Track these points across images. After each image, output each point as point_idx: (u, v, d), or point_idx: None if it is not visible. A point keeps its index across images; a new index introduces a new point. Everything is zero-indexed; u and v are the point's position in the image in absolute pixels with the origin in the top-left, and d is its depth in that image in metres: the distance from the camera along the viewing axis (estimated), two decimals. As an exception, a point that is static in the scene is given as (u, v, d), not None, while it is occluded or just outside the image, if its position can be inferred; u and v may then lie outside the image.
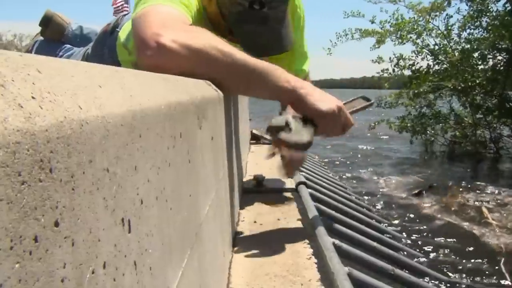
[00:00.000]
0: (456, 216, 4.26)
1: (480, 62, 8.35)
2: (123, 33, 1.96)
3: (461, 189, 5.34)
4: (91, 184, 0.31)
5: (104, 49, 2.22)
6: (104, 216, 0.33)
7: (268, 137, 4.79)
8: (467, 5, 8.51)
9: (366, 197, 4.91)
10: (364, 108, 1.73)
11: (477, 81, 8.04)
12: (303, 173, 2.72)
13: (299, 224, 1.78)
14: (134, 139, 0.41)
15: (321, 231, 1.58)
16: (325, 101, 1.42)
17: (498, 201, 4.80)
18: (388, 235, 2.69)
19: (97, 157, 0.32)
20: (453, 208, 4.50)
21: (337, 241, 1.56)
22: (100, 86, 0.38)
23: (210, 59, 1.25)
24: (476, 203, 4.70)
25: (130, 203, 0.40)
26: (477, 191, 5.27)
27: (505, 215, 4.21)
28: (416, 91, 8.57)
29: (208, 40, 1.27)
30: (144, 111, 0.45)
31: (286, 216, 1.86)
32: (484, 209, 4.23)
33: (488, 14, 8.28)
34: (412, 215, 4.34)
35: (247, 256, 1.44)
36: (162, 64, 1.22)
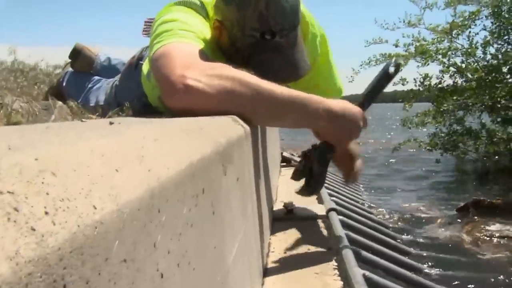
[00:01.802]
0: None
1: (508, 77, 8.22)
2: (146, 66, 1.99)
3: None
4: (107, 282, 0.31)
5: (131, 83, 2.26)
6: (121, 307, 0.34)
7: (297, 159, 4.80)
8: (491, 23, 8.41)
9: (401, 222, 4.75)
10: None
11: (507, 96, 7.89)
12: (334, 199, 2.71)
13: (329, 254, 1.76)
14: (152, 218, 0.42)
15: (351, 262, 1.56)
16: (347, 133, 1.50)
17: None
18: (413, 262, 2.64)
19: (113, 253, 0.32)
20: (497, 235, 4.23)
21: (367, 273, 1.55)
22: (117, 170, 0.39)
23: (236, 94, 1.26)
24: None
25: (150, 282, 0.40)
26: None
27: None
28: (442, 109, 8.48)
29: (233, 75, 1.28)
30: (163, 184, 0.46)
31: (317, 246, 1.85)
32: None
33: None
34: (448, 243, 4.12)
35: (277, 290, 1.44)
36: (191, 105, 1.23)
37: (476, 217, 4.70)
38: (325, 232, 2.05)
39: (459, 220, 4.74)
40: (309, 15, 1.85)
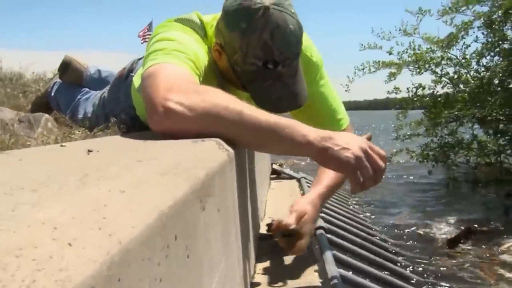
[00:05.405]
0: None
1: (499, 89, 8.19)
2: (137, 78, 1.98)
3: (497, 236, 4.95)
4: None
5: (120, 93, 2.24)
6: None
7: (289, 171, 4.77)
8: (483, 34, 8.43)
9: (390, 240, 4.64)
10: None
11: (497, 109, 7.89)
12: (323, 215, 2.69)
13: (316, 276, 1.74)
14: (110, 290, 0.39)
15: (337, 286, 1.54)
16: (347, 150, 1.26)
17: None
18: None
19: None
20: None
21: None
22: (70, 244, 0.37)
23: (217, 119, 1.21)
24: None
25: None
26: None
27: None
28: (436, 121, 8.48)
29: (216, 100, 1.23)
30: (126, 247, 0.43)
31: (304, 267, 1.83)
32: None
33: (506, 40, 8.17)
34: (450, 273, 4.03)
35: (261, 316, 1.42)
36: (171, 128, 1.21)
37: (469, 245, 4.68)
38: (312, 251, 2.03)
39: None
40: (308, 41, 1.78)
